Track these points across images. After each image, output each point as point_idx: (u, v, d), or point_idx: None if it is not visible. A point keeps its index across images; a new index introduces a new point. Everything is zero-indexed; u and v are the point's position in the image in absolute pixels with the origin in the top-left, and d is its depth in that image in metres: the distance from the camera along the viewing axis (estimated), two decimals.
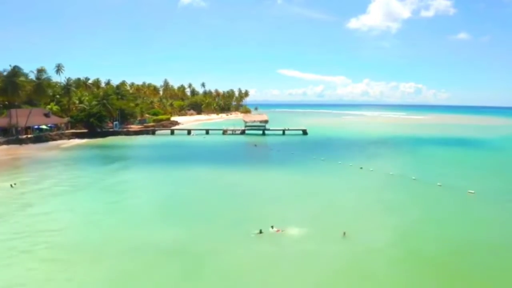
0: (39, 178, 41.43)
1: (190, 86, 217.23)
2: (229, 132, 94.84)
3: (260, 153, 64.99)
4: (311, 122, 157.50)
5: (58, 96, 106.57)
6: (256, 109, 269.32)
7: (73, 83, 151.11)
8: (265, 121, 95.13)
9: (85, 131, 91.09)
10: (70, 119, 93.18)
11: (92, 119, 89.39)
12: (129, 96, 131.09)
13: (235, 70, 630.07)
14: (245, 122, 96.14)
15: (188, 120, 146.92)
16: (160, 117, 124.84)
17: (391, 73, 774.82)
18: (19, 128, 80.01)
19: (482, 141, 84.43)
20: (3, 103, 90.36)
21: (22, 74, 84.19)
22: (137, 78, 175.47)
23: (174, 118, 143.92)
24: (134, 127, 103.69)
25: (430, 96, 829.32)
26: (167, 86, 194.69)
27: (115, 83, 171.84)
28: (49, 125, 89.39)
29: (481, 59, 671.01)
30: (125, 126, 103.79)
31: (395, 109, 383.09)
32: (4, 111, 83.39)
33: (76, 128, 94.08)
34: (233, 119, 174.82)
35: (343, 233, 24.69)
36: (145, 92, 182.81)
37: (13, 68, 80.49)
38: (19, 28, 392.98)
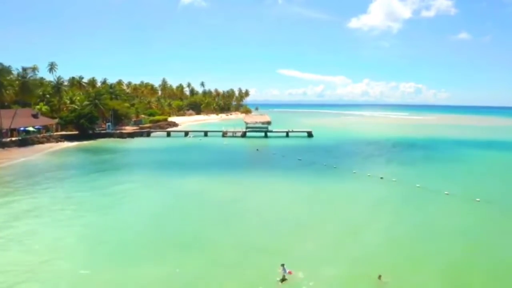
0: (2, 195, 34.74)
1: (189, 85, 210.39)
2: (229, 134, 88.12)
3: (263, 159, 58.20)
4: (314, 123, 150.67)
5: (48, 95, 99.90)
6: (257, 109, 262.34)
7: (68, 82, 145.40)
8: (268, 123, 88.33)
9: (75, 133, 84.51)
10: (59, 120, 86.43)
11: (82, 121, 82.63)
12: (124, 95, 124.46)
13: (235, 70, 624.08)
14: (246, 123, 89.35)
15: (187, 121, 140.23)
16: (157, 117, 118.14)
17: (391, 73, 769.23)
18: (4, 130, 73.36)
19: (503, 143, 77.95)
20: None
21: (8, 72, 77.64)
22: (137, 78, 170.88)
23: (172, 118, 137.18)
24: (129, 129, 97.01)
25: (430, 96, 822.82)
26: (165, 86, 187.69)
27: (112, 82, 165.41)
28: (37, 126, 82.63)
29: (482, 59, 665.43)
30: (119, 128, 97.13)
31: (396, 109, 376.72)
32: None
33: (67, 129, 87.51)
34: (233, 120, 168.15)
35: (378, 276, 18.02)
36: (142, 92, 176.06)
37: None
38: (18, 28, 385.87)
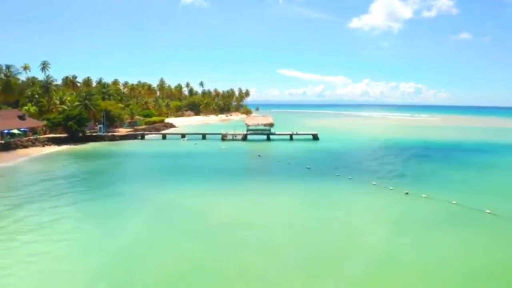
0: None
1: (188, 85, 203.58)
2: (229, 137, 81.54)
3: (266, 167, 51.24)
4: (317, 124, 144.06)
5: (37, 95, 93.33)
6: (257, 109, 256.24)
7: (62, 81, 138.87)
8: (270, 125, 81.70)
9: (64, 136, 78.05)
10: (46, 122, 79.92)
11: (71, 123, 76.07)
12: (118, 95, 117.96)
13: (235, 70, 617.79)
14: (247, 125, 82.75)
15: (185, 122, 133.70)
16: (153, 119, 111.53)
17: (391, 73, 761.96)
18: None
19: None
20: None
21: None
22: (137, 78, 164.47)
23: (170, 119, 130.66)
24: (122, 131, 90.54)
25: (430, 96, 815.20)
26: (162, 86, 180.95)
27: (108, 82, 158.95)
28: (23, 129, 76.11)
29: (482, 59, 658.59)
30: (113, 130, 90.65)
31: (397, 110, 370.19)
32: None
33: (56, 132, 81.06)
34: (233, 121, 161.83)
35: None
36: (139, 92, 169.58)
37: None
38: (17, 28, 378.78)
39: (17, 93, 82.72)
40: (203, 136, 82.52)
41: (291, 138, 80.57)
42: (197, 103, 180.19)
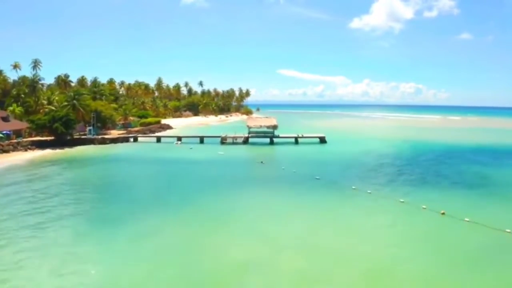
0: None
1: (186, 85, 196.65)
2: (229, 140, 74.84)
3: (270, 177, 43.63)
4: (321, 125, 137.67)
5: (23, 95, 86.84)
6: (258, 109, 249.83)
7: (54, 81, 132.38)
8: (274, 127, 74.93)
9: (50, 138, 71.57)
10: (30, 124, 73.36)
11: (56, 124, 69.48)
12: (112, 95, 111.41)
13: (234, 70, 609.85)
14: (249, 127, 75.99)
15: (183, 123, 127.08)
16: (149, 120, 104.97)
17: (391, 73, 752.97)
18: None
19: None
20: None
21: None
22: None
23: (166, 120, 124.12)
24: (115, 133, 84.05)
25: (430, 96, 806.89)
26: (160, 85, 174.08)
27: (103, 81, 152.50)
28: (5, 131, 69.61)
29: (483, 59, 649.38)
30: (104, 132, 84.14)
31: (398, 110, 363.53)
32: None
33: (43, 134, 74.61)
34: (233, 122, 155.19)
35: None
36: (136, 92, 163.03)
37: None
38: (16, 28, 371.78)
39: (1, 94, 76.18)
40: (201, 139, 75.85)
41: (296, 142, 73.87)
42: (196, 103, 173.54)
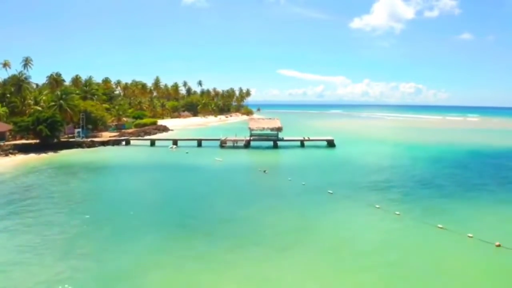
0: None
1: (185, 84, 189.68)
2: (229, 143, 68.17)
3: (276, 193, 35.56)
4: (325, 126, 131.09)
5: (8, 95, 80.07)
6: (259, 109, 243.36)
7: (47, 80, 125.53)
8: (278, 129, 68.15)
9: (35, 142, 64.99)
10: (13, 126, 66.69)
11: (40, 126, 62.86)
12: (106, 95, 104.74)
13: (234, 70, 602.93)
14: (251, 129, 69.28)
15: (180, 124, 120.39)
16: (144, 121, 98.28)
17: (391, 73, 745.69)
18: None
19: None
20: None
21: None
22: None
23: (163, 121, 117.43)
24: (107, 135, 77.43)
25: (430, 96, 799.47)
26: (157, 85, 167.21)
27: (98, 80, 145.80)
28: None
29: (483, 59, 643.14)
30: (95, 134, 77.57)
31: (399, 110, 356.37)
32: None
33: (29, 137, 68.01)
34: (234, 122, 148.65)
35: None
36: (133, 91, 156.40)
37: None
38: (15, 28, 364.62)
39: None
40: (199, 143, 69.19)
41: (302, 145, 67.19)
42: (194, 103, 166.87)
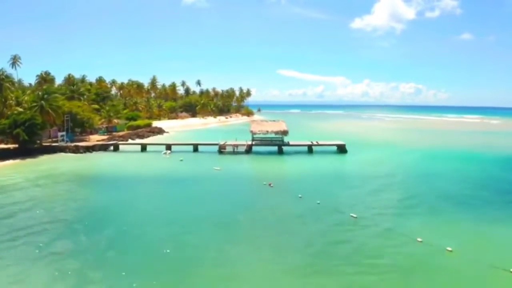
0: None
1: (183, 84, 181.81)
2: (229, 148, 60.73)
3: (284, 216, 27.70)
4: (329, 128, 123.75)
5: None
6: (259, 110, 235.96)
7: (36, 80, 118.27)
8: (283, 133, 60.57)
9: (14, 146, 57.76)
10: None
11: (17, 130, 55.58)
12: (98, 95, 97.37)
13: (234, 70, 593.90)
14: (253, 133, 61.78)
15: (177, 126, 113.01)
16: (138, 122, 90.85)
17: (391, 73, 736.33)
18: None
19: None
20: None
21: None
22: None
23: (159, 122, 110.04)
24: (95, 139, 70.06)
25: (430, 96, 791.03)
26: (154, 84, 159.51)
27: (92, 80, 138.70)
28: None
29: (484, 59, 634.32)
30: (83, 138, 70.30)
31: (401, 110, 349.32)
32: None
33: (8, 141, 60.79)
34: (234, 123, 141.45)
35: None
36: (129, 91, 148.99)
37: None
38: (14, 28, 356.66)
39: None
40: (195, 148, 61.78)
41: (310, 150, 59.76)
42: (193, 104, 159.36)
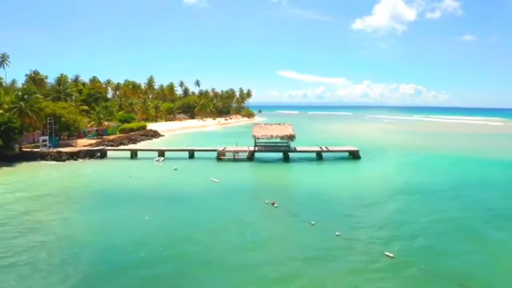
0: None
1: (181, 84, 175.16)
2: (228, 154, 54.06)
3: (294, 254, 20.59)
4: (335, 130, 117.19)
5: None
6: (260, 111, 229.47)
7: (25, 80, 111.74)
8: (290, 137, 53.95)
9: None
10: None
11: None
12: (91, 96, 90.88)
13: (234, 71, 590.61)
14: (256, 138, 55.08)
15: (174, 128, 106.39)
16: (131, 125, 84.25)
17: (391, 74, 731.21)
18: None
19: None
20: None
21: None
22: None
23: (155, 125, 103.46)
24: (81, 143, 63.52)
25: (430, 97, 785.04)
26: (151, 85, 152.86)
27: (86, 80, 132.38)
28: None
29: (485, 60, 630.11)
30: (69, 142, 63.83)
31: (401, 111, 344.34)
32: None
33: None
34: (235, 125, 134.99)
35: None
36: (125, 92, 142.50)
37: None
38: (13, 28, 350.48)
39: None
40: (191, 154, 55.17)
41: (319, 157, 53.20)
42: (191, 105, 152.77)
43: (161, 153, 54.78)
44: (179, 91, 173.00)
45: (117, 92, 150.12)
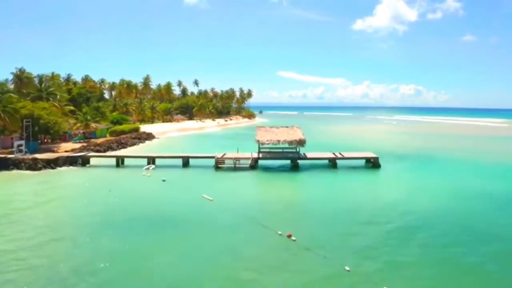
0: None
1: (180, 84, 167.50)
2: (228, 162, 46.47)
3: None
4: (343, 132, 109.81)
5: None
6: (261, 112, 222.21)
7: (12, 79, 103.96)
8: (299, 142, 46.46)
9: None
10: None
11: None
12: (80, 96, 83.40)
13: (234, 71, 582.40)
14: (260, 143, 47.45)
15: (170, 129, 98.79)
16: (122, 127, 76.68)
17: (391, 75, 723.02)
18: None
19: None
20: None
21: None
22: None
23: (149, 127, 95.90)
24: (66, 148, 56.07)
25: (430, 98, 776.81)
26: (147, 84, 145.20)
27: (78, 79, 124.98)
28: None
29: (485, 61, 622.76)
30: (51, 147, 56.43)
31: (401, 112, 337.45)
32: None
33: None
34: (236, 127, 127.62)
35: None
36: (120, 92, 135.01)
37: None
38: (12, 28, 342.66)
39: None
40: (185, 161, 47.61)
41: (333, 165, 45.69)
42: (190, 105, 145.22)
43: (151, 160, 47.29)
44: (177, 91, 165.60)
45: (112, 92, 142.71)
